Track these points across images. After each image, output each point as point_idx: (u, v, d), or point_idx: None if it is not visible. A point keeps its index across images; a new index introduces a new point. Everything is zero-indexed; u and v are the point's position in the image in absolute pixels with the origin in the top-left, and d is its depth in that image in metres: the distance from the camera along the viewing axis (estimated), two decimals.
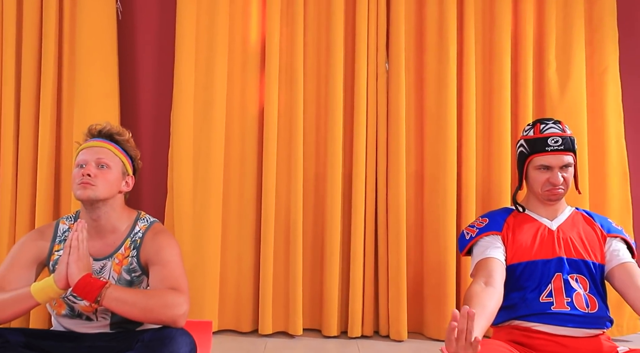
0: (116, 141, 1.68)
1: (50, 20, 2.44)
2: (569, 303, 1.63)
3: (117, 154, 1.67)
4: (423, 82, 2.57)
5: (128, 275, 1.65)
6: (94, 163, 1.61)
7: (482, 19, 2.58)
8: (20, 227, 2.44)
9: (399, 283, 2.44)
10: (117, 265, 1.65)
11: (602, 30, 2.54)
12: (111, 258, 1.65)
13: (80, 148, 1.68)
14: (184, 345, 1.45)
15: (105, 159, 1.63)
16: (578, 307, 1.63)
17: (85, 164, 1.61)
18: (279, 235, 2.52)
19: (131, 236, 1.68)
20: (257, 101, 2.57)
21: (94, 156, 1.62)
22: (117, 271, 1.64)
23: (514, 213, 1.85)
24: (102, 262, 1.64)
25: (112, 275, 1.63)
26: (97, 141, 1.66)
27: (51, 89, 2.45)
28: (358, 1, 2.52)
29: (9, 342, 1.49)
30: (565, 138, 1.76)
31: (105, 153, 1.64)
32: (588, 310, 1.63)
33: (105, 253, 1.66)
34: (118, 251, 1.66)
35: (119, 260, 1.65)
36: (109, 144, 1.67)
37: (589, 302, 1.64)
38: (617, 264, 1.69)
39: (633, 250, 1.79)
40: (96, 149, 1.64)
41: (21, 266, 1.62)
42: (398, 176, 2.47)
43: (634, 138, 2.62)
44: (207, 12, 2.50)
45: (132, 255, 1.66)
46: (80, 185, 1.59)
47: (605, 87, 2.53)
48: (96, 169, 1.61)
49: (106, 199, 1.64)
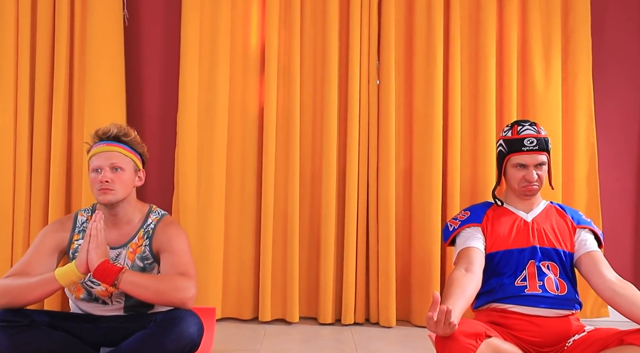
0: (124, 141, 1.80)
1: (63, 27, 2.57)
2: (541, 286, 1.81)
3: (128, 155, 1.80)
4: (412, 84, 2.70)
5: (141, 262, 1.80)
6: (108, 168, 1.74)
7: (468, 25, 2.70)
8: (34, 221, 2.56)
9: (389, 274, 2.58)
10: (131, 253, 1.80)
11: (576, 38, 2.68)
12: (126, 247, 1.81)
13: (92, 152, 1.79)
14: (192, 324, 1.62)
15: (118, 162, 1.76)
16: (549, 290, 1.80)
17: (100, 170, 1.74)
18: (277, 228, 2.65)
19: (144, 227, 1.83)
20: (257, 102, 2.69)
21: (107, 161, 1.75)
22: (131, 259, 1.80)
23: (493, 206, 2.02)
24: (118, 250, 1.80)
25: (126, 262, 1.79)
26: (107, 145, 1.78)
27: (63, 91, 2.57)
28: (352, 8, 2.63)
29: (35, 321, 1.66)
30: (540, 139, 1.93)
31: (117, 156, 1.77)
32: (558, 293, 1.81)
33: (120, 242, 1.81)
34: (132, 241, 1.81)
35: (133, 248, 1.81)
36: (119, 147, 1.78)
37: (559, 286, 1.82)
38: (584, 252, 1.86)
39: (600, 240, 1.97)
40: (108, 154, 1.76)
41: (44, 254, 1.78)
42: (388, 173, 2.61)
43: (604, 138, 2.78)
44: (210, 19, 2.63)
45: (145, 244, 1.81)
46: (101, 191, 1.73)
47: (578, 90, 2.67)
48: (111, 173, 1.74)
49: (124, 198, 1.79)
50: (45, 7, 2.58)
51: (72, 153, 2.62)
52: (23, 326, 1.61)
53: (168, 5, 2.75)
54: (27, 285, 1.63)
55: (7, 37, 2.54)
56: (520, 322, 1.79)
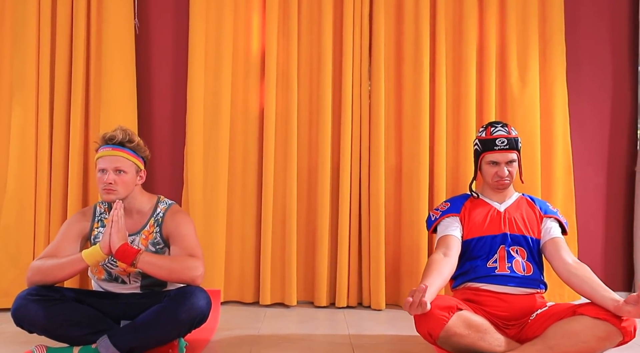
0: (128, 147, 2.01)
1: (80, 36, 2.79)
2: (509, 268, 2.04)
3: (130, 159, 2.01)
4: (400, 88, 2.92)
5: (153, 247, 2.03)
6: (112, 171, 1.96)
7: (452, 34, 2.92)
8: (54, 213, 2.78)
9: (379, 261, 2.80)
10: (144, 240, 2.03)
11: (552, 45, 2.90)
12: (139, 234, 2.04)
13: (99, 154, 2.00)
14: (202, 298, 1.86)
15: (121, 166, 1.98)
16: (516, 271, 2.04)
17: (105, 171, 1.96)
18: (276, 220, 2.87)
19: (154, 216, 2.07)
20: (257, 104, 2.91)
21: (112, 165, 1.96)
22: (144, 244, 2.03)
23: (470, 198, 2.25)
24: (132, 237, 2.03)
25: (140, 247, 2.01)
26: (112, 150, 1.98)
27: (81, 94, 2.79)
28: (345, 18, 2.85)
29: (65, 296, 1.89)
30: (510, 139, 2.15)
31: (120, 161, 1.98)
32: (524, 273, 2.04)
33: (134, 230, 2.04)
34: (144, 228, 2.05)
35: (145, 235, 2.04)
36: (123, 152, 1.99)
37: (525, 267, 2.05)
38: (549, 239, 2.10)
39: (565, 228, 2.19)
40: (113, 158, 1.97)
41: (70, 240, 2.01)
42: (378, 169, 2.83)
43: (578, 137, 3.01)
44: (215, 28, 2.85)
45: (156, 231, 2.04)
46: (104, 191, 1.96)
47: (554, 93, 2.89)
48: (115, 175, 1.96)
49: (126, 196, 2.02)
50: (63, 18, 2.79)
51: (89, 151, 2.83)
52: (55, 300, 1.84)
53: (176, 15, 2.97)
54: (58, 265, 1.86)
55: (30, 46, 2.76)
56: (491, 299, 2.02)
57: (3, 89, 2.79)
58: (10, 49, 2.79)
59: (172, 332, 1.83)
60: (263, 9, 2.92)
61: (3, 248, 2.68)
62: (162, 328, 1.81)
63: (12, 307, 1.82)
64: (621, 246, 3.03)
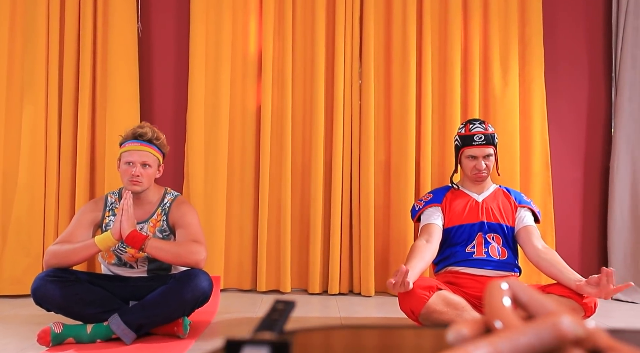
0: (155, 144, 2.19)
1: (87, 39, 2.96)
2: (486, 252, 2.23)
3: (155, 154, 2.19)
4: (389, 87, 3.10)
5: (160, 234, 2.20)
6: (139, 164, 2.13)
7: (438, 37, 3.11)
8: (62, 206, 2.94)
9: (368, 251, 2.98)
10: (152, 227, 2.21)
11: (532, 48, 3.08)
12: (147, 222, 2.21)
13: (127, 148, 2.15)
14: (204, 279, 2.03)
15: (148, 160, 2.15)
16: (492, 255, 2.22)
17: (132, 164, 2.12)
18: (272, 212, 3.05)
19: (162, 206, 2.24)
20: (254, 102, 3.08)
21: (140, 159, 2.13)
22: (152, 231, 2.20)
23: (451, 189, 2.43)
24: (141, 225, 2.20)
25: (148, 234, 2.18)
26: (141, 145, 2.15)
27: (88, 93, 2.96)
28: (337, 21, 3.03)
29: (79, 277, 2.06)
30: (487, 135, 2.33)
31: (147, 156, 2.15)
32: (499, 258, 2.23)
33: (143, 218, 2.21)
34: (152, 217, 2.22)
35: (153, 223, 2.21)
36: (150, 148, 2.17)
37: (500, 252, 2.24)
38: (522, 227, 2.28)
39: (538, 217, 2.38)
40: (141, 153, 2.14)
41: (83, 227, 2.18)
42: (368, 164, 3.01)
43: (555, 134, 3.19)
44: (215, 31, 3.02)
45: (163, 220, 2.21)
46: (131, 182, 2.13)
47: (533, 93, 3.08)
48: (141, 168, 2.13)
49: (148, 187, 2.19)
50: (71, 21, 2.96)
51: (96, 146, 3.01)
52: (70, 281, 2.02)
53: (176, 18, 3.14)
54: (72, 250, 2.03)
55: (40, 48, 2.92)
56: (469, 281, 2.20)
57: (15, 88, 2.95)
58: (21, 50, 2.95)
59: (178, 310, 2.00)
60: (260, 13, 3.09)
61: (15, 238, 2.84)
62: (168, 306, 1.98)
63: (31, 287, 1.99)
64: (596, 236, 3.22)
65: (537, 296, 0.45)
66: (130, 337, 1.97)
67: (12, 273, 2.83)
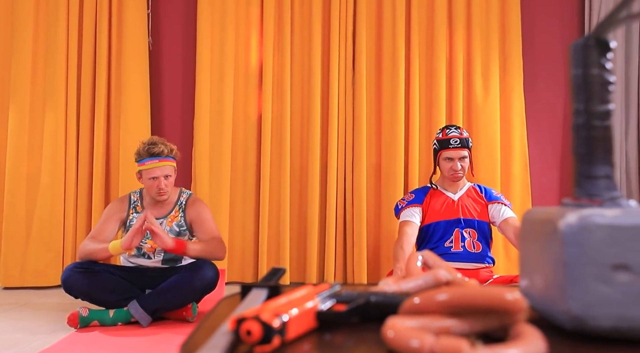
0: (170, 156, 2.48)
1: (102, 51, 3.23)
2: (462, 246, 2.49)
3: (173, 165, 2.50)
4: (380, 96, 3.35)
5: (177, 228, 2.49)
6: (162, 177, 2.42)
7: (425, 49, 3.36)
8: (80, 205, 3.21)
9: (361, 247, 3.23)
10: (170, 222, 2.49)
11: (512, 59, 3.33)
12: (166, 218, 2.50)
13: (149, 166, 2.42)
14: (211, 269, 2.32)
15: (169, 172, 2.46)
16: (468, 249, 2.49)
17: (156, 178, 2.41)
18: (272, 211, 3.30)
19: (179, 204, 2.53)
20: (256, 110, 3.34)
21: (162, 173, 2.43)
22: (169, 225, 2.49)
23: (431, 190, 2.69)
24: (161, 220, 2.48)
25: (166, 227, 2.46)
26: (160, 161, 2.43)
27: (103, 102, 3.23)
28: (331, 35, 3.28)
29: (103, 269, 2.35)
30: (462, 139, 2.60)
31: (168, 169, 2.46)
32: (474, 251, 2.49)
33: (162, 214, 2.51)
34: (170, 213, 2.51)
35: (171, 218, 2.50)
36: (168, 161, 2.47)
37: (475, 246, 2.51)
38: (502, 220, 2.52)
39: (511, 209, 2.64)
40: (162, 168, 2.44)
41: (110, 223, 2.47)
42: (360, 167, 3.26)
43: (533, 140, 3.43)
44: (219, 44, 3.29)
45: (180, 215, 2.50)
46: (158, 194, 2.43)
47: (513, 101, 3.33)
48: (165, 180, 2.43)
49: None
50: (88, 36, 3.24)
51: (111, 151, 3.28)
52: (95, 271, 2.29)
53: (184, 33, 3.41)
54: (94, 249, 2.32)
55: (60, 60, 3.20)
56: None
57: (37, 98, 3.22)
58: (44, 62, 3.22)
59: (188, 296, 2.28)
60: (260, 28, 3.36)
61: (39, 235, 3.11)
62: (179, 292, 2.26)
63: (62, 277, 2.27)
64: None
65: (438, 261, 0.72)
66: (146, 320, 2.24)
67: (36, 266, 3.10)
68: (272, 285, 0.67)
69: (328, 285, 0.61)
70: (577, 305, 0.49)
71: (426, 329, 0.47)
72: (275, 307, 0.49)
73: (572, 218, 0.50)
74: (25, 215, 3.15)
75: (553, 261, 0.51)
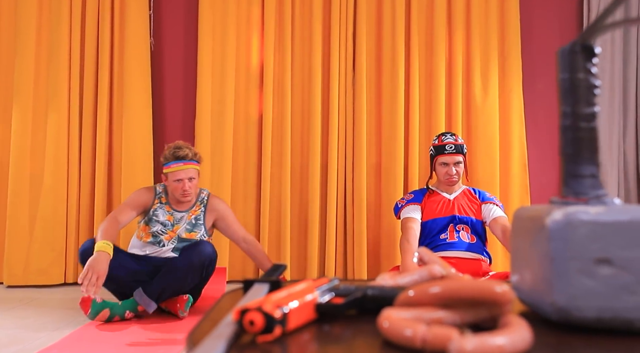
0: (195, 160, 2.56)
1: (105, 53, 3.26)
2: (457, 237, 2.56)
3: (197, 168, 2.59)
4: (380, 96, 3.38)
5: (194, 221, 2.58)
6: (187, 180, 2.51)
7: (424, 50, 3.39)
8: (83, 205, 3.24)
9: (361, 245, 3.26)
10: (189, 216, 2.58)
11: (510, 60, 3.36)
12: (188, 212, 2.59)
13: (175, 168, 2.51)
14: (208, 245, 2.44)
15: (193, 175, 2.55)
16: (462, 239, 2.56)
17: (181, 180, 2.49)
18: (273, 210, 3.32)
19: (199, 200, 2.64)
20: (257, 110, 3.37)
21: (186, 176, 2.52)
22: (189, 218, 2.59)
23: (428, 192, 2.75)
24: (182, 214, 2.58)
25: (186, 220, 2.57)
26: (185, 164, 2.52)
27: (105, 103, 3.26)
28: (332, 36, 3.31)
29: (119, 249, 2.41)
30: (457, 145, 2.67)
31: (192, 172, 2.54)
32: (468, 241, 2.55)
33: (185, 208, 2.60)
34: (192, 208, 2.60)
35: (192, 212, 2.60)
36: (192, 164, 2.56)
37: (469, 238, 2.57)
38: (492, 219, 2.60)
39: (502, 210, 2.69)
40: (187, 171, 2.52)
41: (131, 208, 2.54)
42: (361, 166, 3.29)
43: (532, 140, 3.46)
44: (220, 45, 3.32)
45: (201, 210, 2.62)
46: (182, 196, 2.52)
47: (512, 101, 3.36)
48: (189, 182, 2.51)
49: None
50: (91, 38, 3.28)
51: (113, 151, 3.31)
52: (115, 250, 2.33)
53: (185, 34, 3.44)
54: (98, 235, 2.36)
55: (63, 62, 3.23)
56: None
57: (40, 98, 3.25)
58: (46, 63, 3.25)
59: (189, 274, 2.35)
60: (261, 29, 3.39)
61: (42, 235, 3.14)
62: (179, 273, 2.34)
63: (80, 249, 2.36)
64: None
65: (434, 257, 0.75)
66: (151, 306, 2.33)
67: (39, 265, 3.13)
68: (274, 280, 0.69)
69: (327, 279, 0.64)
70: (562, 297, 0.51)
71: (419, 320, 0.50)
72: (276, 299, 0.51)
73: (558, 215, 0.53)
74: (28, 215, 3.18)
75: (540, 256, 0.54)
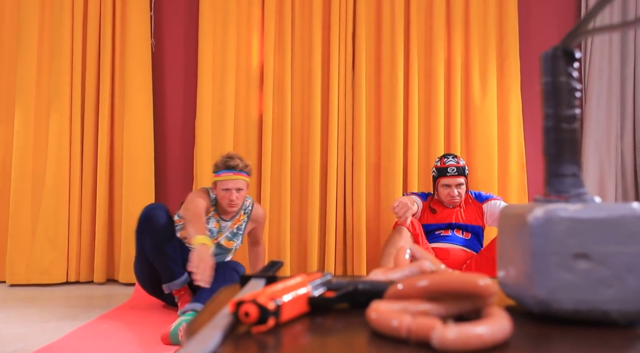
0: (245, 171, 2.58)
1: (106, 53, 3.30)
2: (451, 232, 2.65)
3: (246, 180, 2.60)
4: (379, 96, 3.41)
5: (236, 230, 2.64)
6: (235, 190, 2.54)
7: (423, 51, 3.42)
8: (84, 205, 3.27)
9: (360, 247, 3.29)
10: (233, 224, 2.64)
11: (509, 61, 3.39)
12: (231, 220, 2.64)
13: (224, 177, 2.53)
14: (242, 268, 2.45)
15: (241, 186, 2.57)
16: (456, 234, 2.64)
17: (229, 190, 2.52)
18: (273, 210, 3.34)
19: (244, 209, 2.68)
20: (257, 110, 3.40)
21: (234, 186, 2.54)
22: (232, 227, 2.63)
23: (429, 197, 2.81)
24: (226, 223, 2.62)
25: (229, 229, 2.62)
26: (234, 174, 2.54)
27: (107, 103, 3.29)
28: (331, 37, 3.34)
29: None
30: (459, 167, 2.74)
31: (240, 183, 2.56)
32: (462, 237, 2.61)
33: (229, 217, 2.64)
34: (236, 217, 2.65)
35: (235, 221, 2.65)
36: (242, 175, 2.57)
37: (464, 234, 2.64)
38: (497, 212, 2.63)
39: None
40: (235, 182, 2.54)
41: (202, 211, 2.49)
42: (360, 166, 3.32)
43: (530, 140, 3.49)
44: (221, 45, 3.35)
45: (244, 220, 2.67)
46: (229, 205, 2.55)
47: (510, 102, 3.39)
48: (236, 193, 2.54)
49: None
50: (92, 38, 3.30)
51: (114, 151, 3.34)
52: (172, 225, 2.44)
53: (186, 35, 3.47)
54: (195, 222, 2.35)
55: (64, 62, 3.26)
56: (438, 252, 2.61)
57: (42, 98, 3.28)
58: (48, 63, 3.28)
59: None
60: (262, 30, 3.41)
61: (44, 233, 3.17)
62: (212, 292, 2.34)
63: (141, 213, 2.41)
64: None
65: (425, 254, 0.78)
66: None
67: (40, 264, 3.16)
68: (270, 275, 0.72)
69: (320, 274, 0.67)
70: (542, 290, 0.54)
71: (406, 311, 0.53)
72: (271, 292, 0.54)
73: (539, 212, 0.55)
74: (30, 214, 3.21)
75: (523, 252, 0.57)
